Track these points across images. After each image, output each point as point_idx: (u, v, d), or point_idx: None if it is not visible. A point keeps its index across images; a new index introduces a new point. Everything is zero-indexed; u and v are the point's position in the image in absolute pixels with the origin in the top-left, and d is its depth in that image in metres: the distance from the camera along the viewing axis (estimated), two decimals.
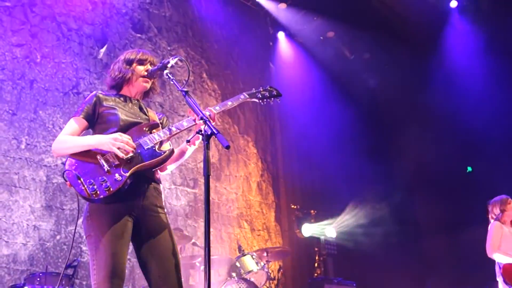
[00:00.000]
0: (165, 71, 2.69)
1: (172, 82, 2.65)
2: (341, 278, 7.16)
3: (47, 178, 5.06)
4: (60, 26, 5.58)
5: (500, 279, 4.96)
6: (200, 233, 6.42)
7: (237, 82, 7.91)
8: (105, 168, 2.48)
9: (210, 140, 2.36)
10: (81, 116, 2.67)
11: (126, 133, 2.62)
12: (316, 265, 8.09)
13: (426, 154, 8.33)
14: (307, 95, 8.70)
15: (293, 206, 8.44)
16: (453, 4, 8.31)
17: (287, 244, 8.05)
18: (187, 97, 2.53)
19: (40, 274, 4.12)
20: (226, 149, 2.25)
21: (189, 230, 6.30)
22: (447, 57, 8.41)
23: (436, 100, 8.22)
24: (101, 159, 2.51)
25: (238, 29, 8.19)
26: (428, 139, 8.39)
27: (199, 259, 4.87)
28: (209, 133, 2.34)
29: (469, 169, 8.58)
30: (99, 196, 2.42)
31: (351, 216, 8.50)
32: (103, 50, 5.91)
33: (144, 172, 2.58)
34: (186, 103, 2.57)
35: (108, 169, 2.48)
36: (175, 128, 2.68)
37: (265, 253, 5.57)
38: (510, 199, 5.18)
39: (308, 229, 8.17)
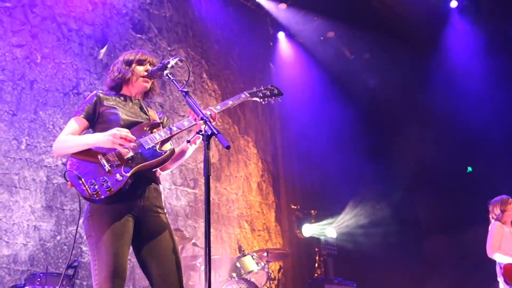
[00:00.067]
0: (165, 71, 2.69)
1: (172, 83, 2.65)
2: (341, 278, 7.16)
3: (48, 178, 5.06)
4: (61, 26, 5.58)
5: (501, 279, 4.96)
6: (200, 233, 6.42)
7: (237, 83, 7.91)
8: (106, 168, 2.47)
9: (211, 140, 2.36)
10: (81, 115, 2.66)
11: None
12: (316, 265, 8.09)
13: (426, 154, 8.32)
14: (307, 95, 8.69)
15: (293, 206, 8.44)
16: (453, 4, 8.31)
17: (287, 244, 8.05)
18: (187, 97, 2.53)
19: (41, 275, 4.12)
20: (226, 149, 2.25)
21: (189, 230, 6.30)
22: (447, 57, 8.41)
23: (436, 100, 8.22)
24: (102, 159, 2.50)
25: (238, 29, 8.19)
26: (428, 139, 8.38)
27: (200, 260, 4.87)
28: (209, 133, 2.34)
29: (469, 169, 8.58)
30: (100, 196, 2.42)
31: (351, 217, 8.50)
32: (103, 50, 5.91)
33: (145, 172, 2.58)
34: (186, 104, 2.56)
35: (109, 169, 2.48)
36: (175, 127, 2.67)
37: (266, 253, 5.57)
38: (510, 199, 5.18)
39: (309, 229, 8.16)
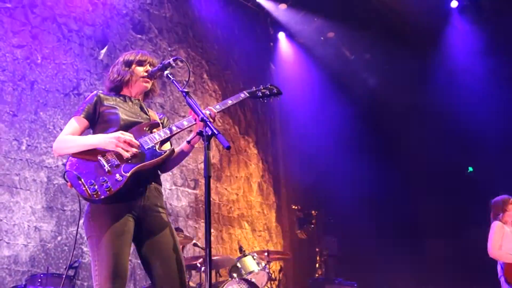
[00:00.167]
0: (165, 71, 2.69)
1: (172, 83, 2.65)
2: (341, 278, 7.15)
3: (48, 179, 5.06)
4: (61, 27, 5.58)
5: (502, 279, 4.96)
6: (201, 234, 6.42)
7: (238, 83, 7.90)
8: (105, 168, 2.47)
9: (211, 141, 2.36)
10: (81, 115, 2.66)
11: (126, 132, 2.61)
12: (317, 265, 8.08)
13: (427, 154, 8.32)
14: (308, 95, 8.69)
15: (294, 206, 8.43)
16: (454, 4, 8.31)
17: (288, 244, 8.04)
18: (187, 97, 2.53)
19: (41, 275, 4.11)
20: (226, 149, 2.24)
21: (190, 231, 6.30)
22: (447, 57, 8.40)
23: (436, 100, 8.21)
24: (101, 159, 2.50)
25: (238, 29, 8.19)
26: (429, 139, 8.38)
27: (200, 260, 4.87)
28: (209, 133, 2.34)
29: (470, 169, 8.57)
30: (100, 197, 2.41)
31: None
32: (103, 51, 5.91)
33: (145, 172, 2.58)
34: (187, 104, 2.56)
35: (109, 169, 2.47)
36: (175, 127, 2.67)
37: (266, 254, 5.56)
38: (511, 199, 5.18)
39: None
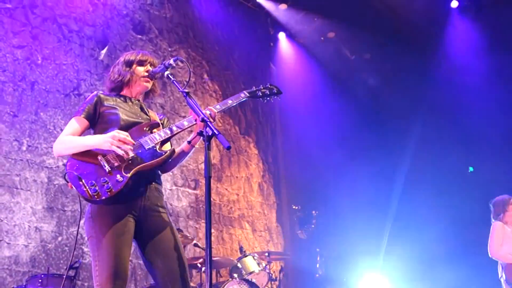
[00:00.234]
0: (166, 72, 2.70)
1: (173, 83, 2.65)
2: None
3: (49, 179, 5.06)
4: (61, 27, 5.58)
5: (502, 279, 4.96)
6: (201, 234, 6.42)
7: (238, 83, 7.90)
8: (106, 169, 2.47)
9: (211, 141, 2.36)
10: (82, 115, 2.67)
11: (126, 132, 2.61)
12: (317, 265, 8.08)
13: (428, 154, 8.31)
14: (308, 95, 8.69)
15: (294, 206, 8.43)
16: (454, 4, 8.31)
17: (289, 245, 8.04)
18: (188, 98, 2.53)
19: (42, 276, 4.11)
20: (227, 150, 2.25)
21: (191, 231, 6.30)
22: (448, 57, 8.40)
23: (437, 100, 8.21)
24: (102, 160, 2.50)
25: (238, 30, 8.19)
26: (429, 139, 8.37)
27: (201, 260, 4.87)
28: (210, 134, 2.34)
29: (471, 169, 8.56)
30: (101, 198, 2.42)
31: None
32: (104, 51, 5.91)
33: (146, 173, 2.58)
34: (187, 104, 2.56)
35: (110, 169, 2.47)
36: (176, 127, 2.68)
37: (267, 254, 5.57)
38: None
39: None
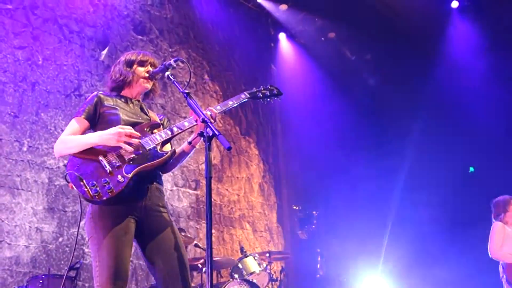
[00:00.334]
0: (166, 72, 2.70)
1: (173, 84, 2.65)
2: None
3: (49, 180, 5.07)
4: (62, 28, 5.59)
5: (503, 280, 4.95)
6: (202, 234, 6.42)
7: (239, 84, 7.91)
8: (107, 170, 2.47)
9: (212, 142, 2.36)
10: (82, 116, 2.66)
11: None
12: (318, 266, 8.07)
13: (428, 154, 8.31)
14: (309, 95, 8.69)
15: (295, 207, 8.43)
16: (454, 4, 8.31)
17: (289, 245, 8.04)
18: (188, 98, 2.53)
19: (43, 276, 4.12)
20: (227, 150, 2.25)
21: (192, 231, 6.30)
22: (448, 57, 8.40)
23: (438, 100, 8.21)
24: (103, 160, 2.50)
25: (239, 30, 8.19)
26: (430, 139, 8.37)
27: (202, 261, 4.87)
28: (210, 134, 2.34)
29: (471, 169, 8.56)
30: (102, 198, 2.42)
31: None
32: (104, 52, 5.91)
33: (147, 173, 2.58)
34: (188, 105, 2.57)
35: (111, 170, 2.47)
36: (176, 128, 2.68)
37: (267, 254, 5.57)
38: None
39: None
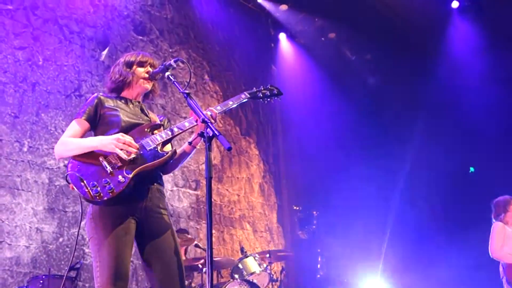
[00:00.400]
0: (166, 73, 2.70)
1: (173, 84, 2.66)
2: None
3: (50, 180, 5.07)
4: (62, 28, 5.59)
5: (504, 280, 4.95)
6: (202, 235, 6.42)
7: (239, 84, 7.91)
8: (108, 170, 2.48)
9: (212, 142, 2.36)
10: (83, 117, 2.67)
11: (127, 134, 2.61)
12: (318, 266, 8.08)
13: (428, 154, 8.31)
14: (309, 96, 8.69)
15: (295, 207, 8.43)
16: (455, 4, 8.31)
17: (290, 245, 8.04)
18: (188, 99, 2.54)
19: (43, 277, 4.12)
20: (227, 150, 2.25)
21: (192, 232, 6.30)
22: (448, 57, 8.40)
23: (438, 100, 8.21)
24: (103, 161, 2.50)
25: (239, 30, 8.20)
26: (430, 139, 8.37)
27: (202, 261, 4.87)
28: (210, 135, 2.35)
29: (472, 169, 8.56)
30: (103, 198, 2.42)
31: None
32: (105, 52, 5.91)
33: (147, 174, 2.58)
34: (188, 105, 2.57)
35: (111, 170, 2.48)
36: (177, 128, 2.68)
37: (268, 255, 5.56)
38: None
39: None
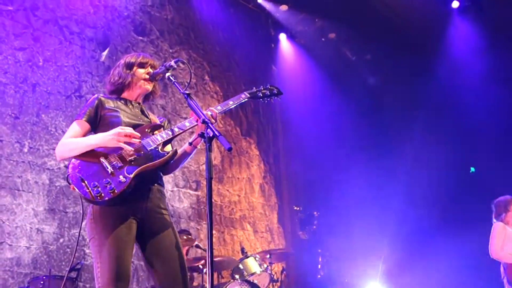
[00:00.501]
0: (167, 73, 2.70)
1: (174, 85, 2.66)
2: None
3: (50, 181, 5.07)
4: (62, 29, 5.59)
5: (504, 280, 4.95)
6: (203, 235, 6.43)
7: (239, 84, 7.91)
8: (108, 170, 2.47)
9: (212, 142, 2.36)
10: (83, 119, 2.67)
11: None
12: (319, 266, 8.07)
13: (429, 154, 8.31)
14: (309, 96, 8.69)
15: (296, 207, 8.43)
16: (455, 4, 8.31)
17: (290, 245, 8.04)
18: (189, 99, 2.54)
19: (44, 277, 4.12)
20: (228, 151, 2.25)
21: (192, 232, 6.30)
22: (448, 57, 8.40)
23: (438, 100, 8.21)
24: (104, 161, 2.50)
25: (239, 31, 8.20)
26: (430, 139, 8.37)
27: (202, 262, 4.87)
28: (211, 135, 2.35)
29: (472, 169, 8.55)
30: (104, 199, 2.42)
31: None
32: (105, 53, 5.92)
33: (148, 174, 2.58)
34: (188, 106, 2.57)
35: (112, 171, 2.48)
36: (177, 128, 2.68)
37: (268, 255, 5.56)
38: None
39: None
